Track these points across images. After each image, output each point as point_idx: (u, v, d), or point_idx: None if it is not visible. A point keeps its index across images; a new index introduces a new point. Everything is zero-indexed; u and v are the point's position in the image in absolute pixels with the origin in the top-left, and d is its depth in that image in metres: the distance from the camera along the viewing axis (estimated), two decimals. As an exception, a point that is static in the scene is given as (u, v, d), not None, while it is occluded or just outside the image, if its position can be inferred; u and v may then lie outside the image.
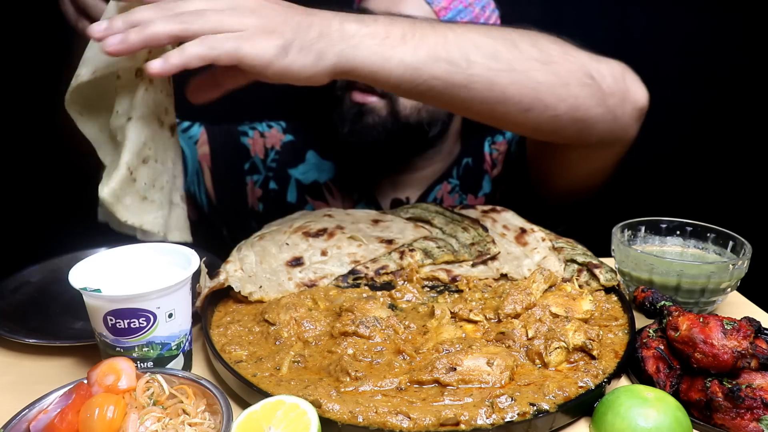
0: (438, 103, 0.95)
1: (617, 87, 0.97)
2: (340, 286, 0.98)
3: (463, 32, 0.89)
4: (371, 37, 0.84)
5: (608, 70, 0.97)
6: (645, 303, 0.89)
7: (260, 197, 1.45)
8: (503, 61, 0.89)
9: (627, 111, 1.00)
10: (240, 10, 0.77)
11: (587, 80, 0.94)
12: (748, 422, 0.67)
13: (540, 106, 0.93)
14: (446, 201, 1.42)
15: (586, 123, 0.98)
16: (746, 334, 0.70)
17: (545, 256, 1.02)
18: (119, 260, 0.82)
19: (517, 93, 0.91)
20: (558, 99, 0.93)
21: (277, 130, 1.49)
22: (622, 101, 0.99)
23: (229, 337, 0.85)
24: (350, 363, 0.75)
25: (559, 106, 0.94)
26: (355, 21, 0.84)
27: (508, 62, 0.90)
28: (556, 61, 0.93)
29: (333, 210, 1.17)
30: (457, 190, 1.42)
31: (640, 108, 1.02)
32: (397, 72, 0.86)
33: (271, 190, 1.44)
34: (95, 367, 0.67)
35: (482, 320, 0.86)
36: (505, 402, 0.69)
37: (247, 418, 0.63)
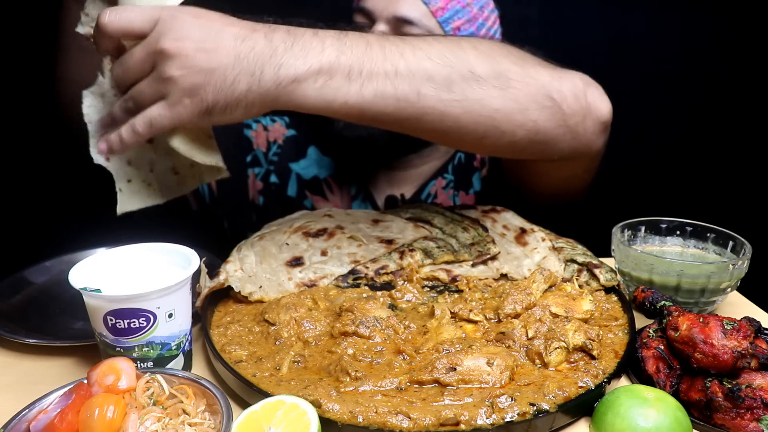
0: (388, 128, 0.93)
1: (578, 105, 0.95)
2: (340, 286, 0.98)
3: (417, 60, 0.85)
4: (313, 80, 0.80)
5: (569, 89, 0.94)
6: (645, 303, 0.89)
7: (261, 190, 1.45)
8: (457, 91, 0.86)
9: (589, 127, 0.98)
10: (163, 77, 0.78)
11: (547, 103, 0.92)
12: (748, 422, 0.67)
13: (496, 133, 0.91)
14: (440, 196, 1.42)
15: (546, 144, 0.96)
16: (746, 334, 0.70)
17: (545, 256, 1.02)
18: (119, 260, 0.81)
19: (472, 122, 0.89)
20: (515, 125, 0.91)
21: (281, 124, 1.50)
22: (583, 118, 0.96)
23: (229, 337, 0.85)
24: (350, 363, 0.75)
25: (517, 132, 0.92)
26: (295, 58, 0.79)
27: (462, 91, 0.86)
28: (516, 85, 0.90)
29: (333, 210, 1.17)
30: (451, 186, 1.42)
31: (603, 122, 0.99)
32: (342, 111, 0.84)
33: (271, 184, 1.44)
34: (95, 367, 0.67)
35: (482, 320, 0.86)
36: (505, 402, 0.69)
37: (247, 418, 0.63)
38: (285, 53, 0.79)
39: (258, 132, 1.47)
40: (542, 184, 1.20)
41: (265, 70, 0.78)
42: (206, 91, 0.78)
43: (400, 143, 1.34)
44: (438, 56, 0.86)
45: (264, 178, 1.45)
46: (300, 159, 1.45)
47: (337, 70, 0.81)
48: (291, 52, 0.79)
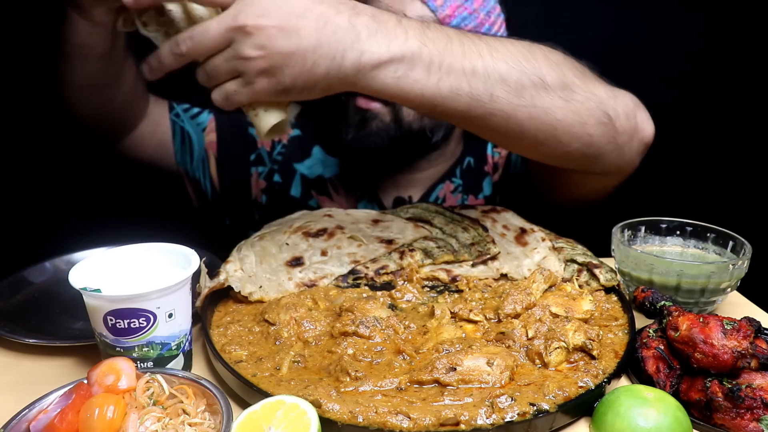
0: (453, 123, 0.95)
1: (629, 125, 0.98)
2: (340, 286, 0.98)
3: (493, 62, 0.86)
4: (394, 69, 0.81)
5: (623, 108, 0.97)
6: (645, 303, 0.89)
7: (264, 189, 1.45)
8: (526, 98, 0.88)
9: (634, 147, 1.02)
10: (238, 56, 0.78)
11: (604, 119, 0.94)
12: (748, 422, 0.67)
13: (553, 142, 0.93)
14: (449, 201, 1.42)
15: (595, 158, 0.99)
16: (746, 334, 0.70)
17: (545, 256, 1.02)
18: (119, 260, 0.82)
19: (534, 128, 0.91)
20: (572, 137, 0.94)
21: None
22: (630, 138, 1.00)
23: (229, 337, 0.85)
24: (350, 363, 0.75)
25: (573, 144, 0.94)
26: (378, 45, 0.80)
27: (531, 98, 0.88)
28: (578, 98, 0.92)
29: (333, 210, 1.17)
30: (460, 190, 1.42)
31: (646, 144, 1.04)
32: (414, 102, 0.86)
33: (275, 183, 1.44)
34: (95, 367, 0.67)
35: (482, 320, 0.86)
36: (505, 402, 0.69)
37: (247, 418, 0.63)
38: (368, 39, 0.79)
39: None
40: (568, 194, 1.23)
41: (346, 55, 0.78)
42: (284, 74, 0.78)
43: (408, 153, 1.35)
44: (513, 60, 0.87)
45: (267, 177, 1.45)
46: (305, 159, 1.45)
47: (418, 61, 0.81)
48: (374, 38, 0.79)
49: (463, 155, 1.44)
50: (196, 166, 1.42)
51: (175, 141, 1.39)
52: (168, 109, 1.39)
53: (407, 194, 1.42)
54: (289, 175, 1.44)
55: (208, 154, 1.42)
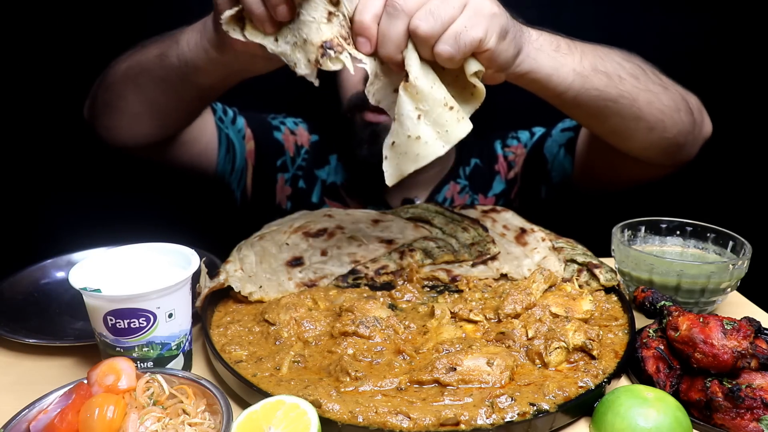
0: (585, 113, 0.99)
1: (700, 118, 1.08)
2: (340, 286, 0.98)
3: (605, 52, 0.96)
4: (548, 44, 0.90)
5: (695, 102, 1.07)
6: (645, 303, 0.89)
7: (289, 195, 1.45)
8: (642, 82, 0.98)
9: (699, 140, 1.10)
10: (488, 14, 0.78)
11: (687, 108, 1.04)
12: (748, 422, 0.67)
13: (660, 127, 1.01)
14: (456, 201, 1.43)
15: (681, 147, 1.07)
16: (746, 334, 0.70)
17: (545, 256, 1.02)
18: (119, 260, 0.81)
19: (649, 112, 0.99)
20: (673, 122, 1.02)
21: (304, 128, 1.50)
22: (699, 131, 1.09)
23: (229, 337, 0.85)
24: (350, 363, 0.75)
25: (672, 129, 1.02)
26: (529, 35, 0.88)
27: (645, 83, 0.98)
28: (670, 89, 1.01)
29: (333, 210, 1.18)
30: (467, 190, 1.43)
31: (706, 138, 1.12)
32: (569, 78, 0.91)
33: (299, 189, 1.44)
34: (95, 367, 0.67)
35: (482, 320, 0.86)
36: (505, 402, 0.69)
37: (247, 418, 0.63)
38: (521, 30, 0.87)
39: (286, 135, 1.47)
40: (615, 181, 1.28)
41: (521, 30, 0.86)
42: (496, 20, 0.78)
43: None
44: (617, 53, 0.99)
45: (293, 183, 1.45)
46: (324, 165, 1.45)
47: (560, 44, 0.91)
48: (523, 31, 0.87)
49: (466, 156, 1.45)
50: (235, 176, 1.40)
51: (220, 149, 1.34)
52: (212, 112, 1.32)
53: (413, 195, 1.43)
54: (312, 181, 1.44)
55: (248, 164, 1.41)
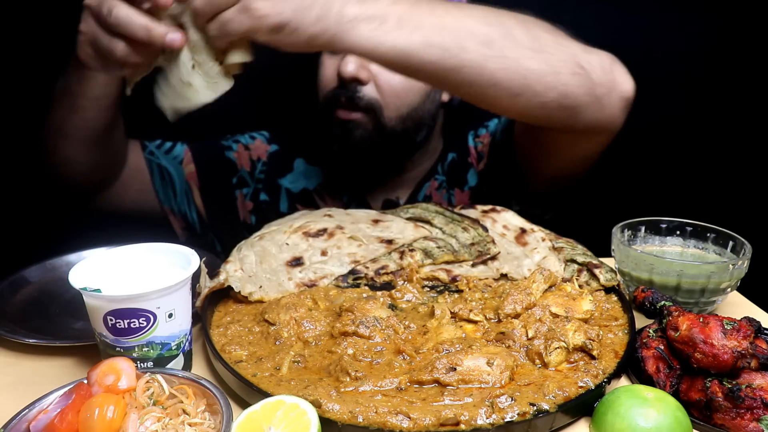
0: (428, 82, 0.98)
1: (606, 78, 1.00)
2: (340, 286, 0.98)
3: (461, 17, 0.91)
4: (368, 22, 0.85)
5: (598, 62, 1.00)
6: (645, 303, 0.89)
7: (252, 210, 1.44)
8: (496, 48, 0.92)
9: (614, 101, 1.03)
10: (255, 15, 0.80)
11: (577, 70, 0.97)
12: (748, 422, 0.67)
13: (529, 92, 0.96)
14: (434, 197, 1.42)
15: (574, 110, 1.00)
16: (746, 334, 0.70)
17: (545, 256, 1.02)
18: (119, 260, 0.81)
19: (507, 79, 0.94)
20: (547, 86, 0.96)
21: (261, 140, 1.49)
22: (609, 91, 1.01)
23: (229, 337, 0.85)
24: (350, 363, 0.75)
25: (548, 93, 0.97)
26: (357, 3, 0.85)
27: (501, 49, 0.92)
28: (548, 50, 0.96)
29: (333, 210, 1.17)
30: (444, 185, 1.42)
31: (626, 98, 1.04)
32: (389, 55, 0.88)
33: (262, 202, 1.43)
34: (95, 367, 0.67)
35: (482, 320, 0.86)
36: (505, 402, 0.69)
37: (247, 418, 0.63)
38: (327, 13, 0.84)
39: (240, 152, 1.46)
40: (553, 162, 1.24)
41: (333, 6, 0.84)
42: (284, 7, 0.80)
43: (393, 157, 1.36)
44: (480, 17, 0.93)
45: (253, 197, 1.44)
46: (287, 173, 1.44)
47: (389, 16, 0.87)
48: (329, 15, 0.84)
49: (445, 151, 1.44)
50: (181, 200, 1.41)
51: (154, 180, 1.37)
52: (141, 149, 1.37)
53: (395, 195, 1.42)
54: (275, 191, 1.43)
55: (191, 186, 1.41)
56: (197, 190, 1.42)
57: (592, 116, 1.03)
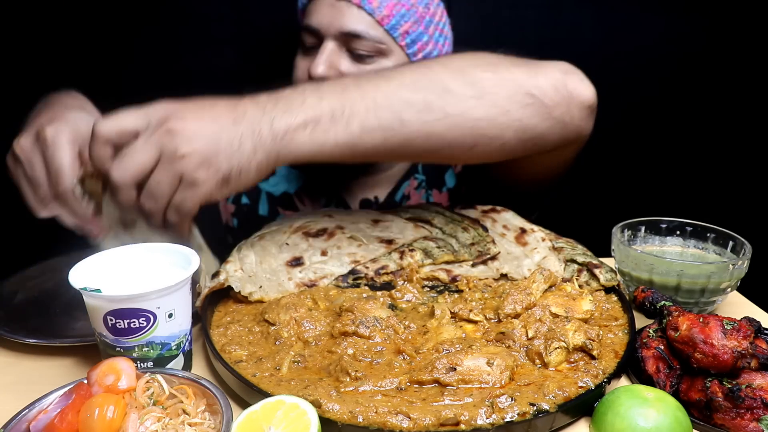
0: (383, 161, 0.96)
1: (559, 96, 0.96)
2: (340, 286, 0.98)
3: (391, 91, 0.88)
4: (302, 129, 0.84)
5: (547, 82, 0.95)
6: (645, 303, 0.89)
7: (233, 213, 1.45)
8: (436, 110, 0.89)
9: (575, 114, 0.99)
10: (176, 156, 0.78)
11: (528, 100, 0.94)
12: (748, 422, 0.67)
13: (484, 140, 0.93)
14: (413, 198, 1.42)
15: (536, 139, 0.98)
16: (746, 334, 0.70)
17: (545, 256, 1.02)
18: (119, 260, 0.82)
19: (459, 135, 0.91)
20: (501, 128, 0.93)
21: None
22: (568, 107, 0.97)
23: (229, 337, 0.85)
24: (350, 363, 0.75)
25: (504, 134, 0.94)
26: (283, 112, 0.83)
27: (442, 109, 0.89)
28: (492, 91, 0.92)
29: (333, 210, 1.17)
30: (423, 185, 1.42)
31: (588, 107, 1.00)
32: (335, 152, 0.87)
33: (243, 205, 1.44)
34: (95, 367, 0.67)
35: (482, 320, 0.86)
36: (505, 402, 0.69)
37: (247, 418, 0.63)
38: (273, 110, 0.83)
39: None
40: (530, 174, 1.21)
41: (262, 127, 0.82)
42: (219, 159, 0.79)
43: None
44: (411, 82, 0.89)
45: (235, 201, 1.44)
46: (269, 177, 1.44)
47: (321, 116, 0.84)
48: (277, 108, 0.83)
49: None
50: None
51: None
52: None
53: (373, 195, 1.42)
54: (255, 195, 1.43)
55: None
56: None
57: (557, 136, 0.99)
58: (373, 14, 1.22)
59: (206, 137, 0.79)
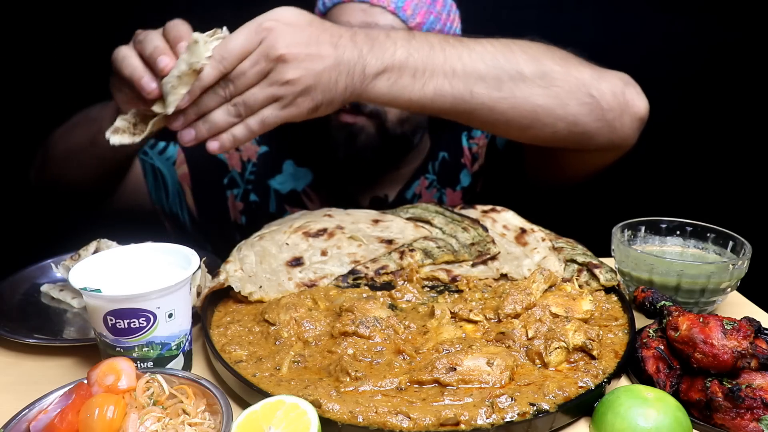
0: (443, 117, 1.03)
1: (616, 102, 1.04)
2: (340, 286, 0.98)
3: (471, 62, 0.96)
4: (386, 77, 0.93)
5: (608, 87, 1.04)
6: (645, 303, 0.89)
7: (242, 210, 1.45)
8: (505, 90, 0.97)
9: (626, 123, 1.07)
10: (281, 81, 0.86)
11: (586, 99, 1.02)
12: (748, 422, 0.67)
13: (538, 125, 1.02)
14: (424, 196, 1.43)
15: (585, 135, 1.06)
16: (746, 334, 0.70)
17: (545, 256, 1.02)
18: (119, 260, 0.81)
19: (517, 116, 1.00)
20: (556, 118, 1.02)
21: (251, 142, 1.49)
22: (621, 114, 1.05)
23: (229, 337, 0.85)
24: (350, 363, 0.75)
25: (557, 124, 1.02)
26: (375, 58, 0.91)
27: (510, 90, 0.98)
28: (557, 84, 1.00)
29: (333, 210, 1.17)
30: (435, 184, 1.43)
31: (639, 119, 1.08)
32: (404, 106, 0.97)
33: (252, 203, 1.44)
34: (95, 367, 0.67)
35: (482, 320, 0.86)
36: (505, 402, 0.69)
37: (247, 418, 0.63)
38: (368, 54, 0.91)
39: (231, 153, 1.46)
40: (563, 175, 1.28)
41: (356, 70, 0.91)
42: (317, 91, 0.88)
43: (391, 158, 1.37)
44: (491, 59, 0.98)
45: (243, 198, 1.44)
46: (276, 175, 1.44)
47: (404, 70, 0.94)
48: (371, 52, 0.92)
49: (435, 150, 1.45)
50: (173, 201, 1.41)
51: (147, 180, 1.38)
52: None
53: (383, 193, 1.42)
54: (265, 192, 1.44)
55: (183, 187, 1.42)
56: (189, 191, 1.42)
57: (604, 138, 1.07)
58: (407, 21, 1.24)
59: (312, 69, 0.87)
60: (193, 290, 0.89)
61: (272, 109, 0.88)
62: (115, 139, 0.91)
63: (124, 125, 0.91)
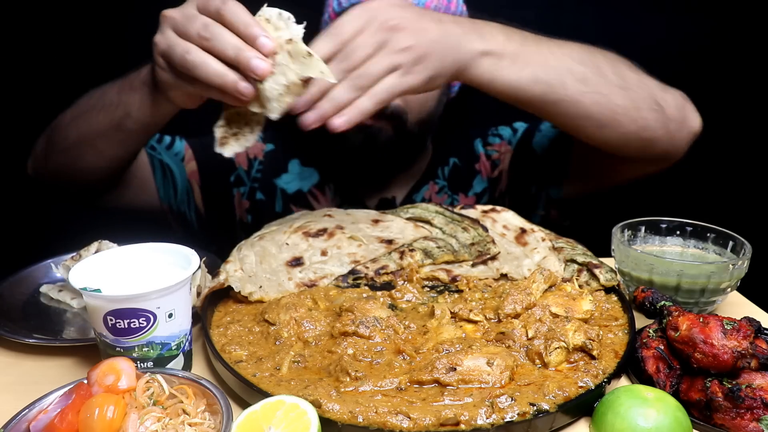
0: (528, 108, 1.06)
1: (678, 114, 1.11)
2: (340, 286, 0.98)
3: (561, 56, 1.02)
4: (488, 57, 0.96)
5: (672, 99, 1.10)
6: (645, 303, 0.89)
7: (248, 209, 1.44)
8: (591, 85, 1.02)
9: (683, 135, 1.13)
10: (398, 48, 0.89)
11: (655, 106, 1.07)
12: (748, 422, 0.67)
13: (614, 124, 1.06)
14: (434, 201, 1.42)
15: (650, 141, 1.10)
16: (746, 334, 0.70)
17: (545, 256, 1.02)
18: (119, 260, 0.81)
19: (597, 112, 1.04)
20: (630, 120, 1.06)
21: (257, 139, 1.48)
22: (680, 126, 1.12)
23: (229, 337, 0.85)
24: (350, 363, 0.75)
25: (630, 126, 1.07)
26: (478, 37, 0.96)
27: (595, 86, 1.03)
28: (632, 87, 1.06)
29: (333, 210, 1.17)
30: (446, 190, 1.43)
31: (694, 133, 1.15)
32: (503, 89, 1.00)
33: (258, 201, 1.43)
34: (95, 367, 0.67)
35: (482, 320, 0.86)
36: (505, 402, 0.69)
37: (247, 418, 0.63)
38: (471, 33, 0.96)
39: None
40: (610, 180, 1.32)
41: (461, 46, 0.94)
42: (431, 60, 0.91)
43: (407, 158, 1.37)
44: (576, 56, 1.03)
45: (250, 196, 1.44)
46: (282, 174, 1.44)
47: (504, 53, 0.98)
48: (474, 33, 0.96)
49: (445, 155, 1.45)
50: (181, 199, 1.40)
51: (156, 176, 1.35)
52: None
53: (390, 195, 1.42)
54: (271, 191, 1.43)
55: (192, 184, 1.40)
56: (198, 189, 1.41)
57: (663, 148, 1.13)
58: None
59: (426, 37, 0.91)
60: (193, 290, 0.89)
61: (393, 77, 0.89)
62: (227, 150, 0.91)
63: (222, 132, 0.91)
